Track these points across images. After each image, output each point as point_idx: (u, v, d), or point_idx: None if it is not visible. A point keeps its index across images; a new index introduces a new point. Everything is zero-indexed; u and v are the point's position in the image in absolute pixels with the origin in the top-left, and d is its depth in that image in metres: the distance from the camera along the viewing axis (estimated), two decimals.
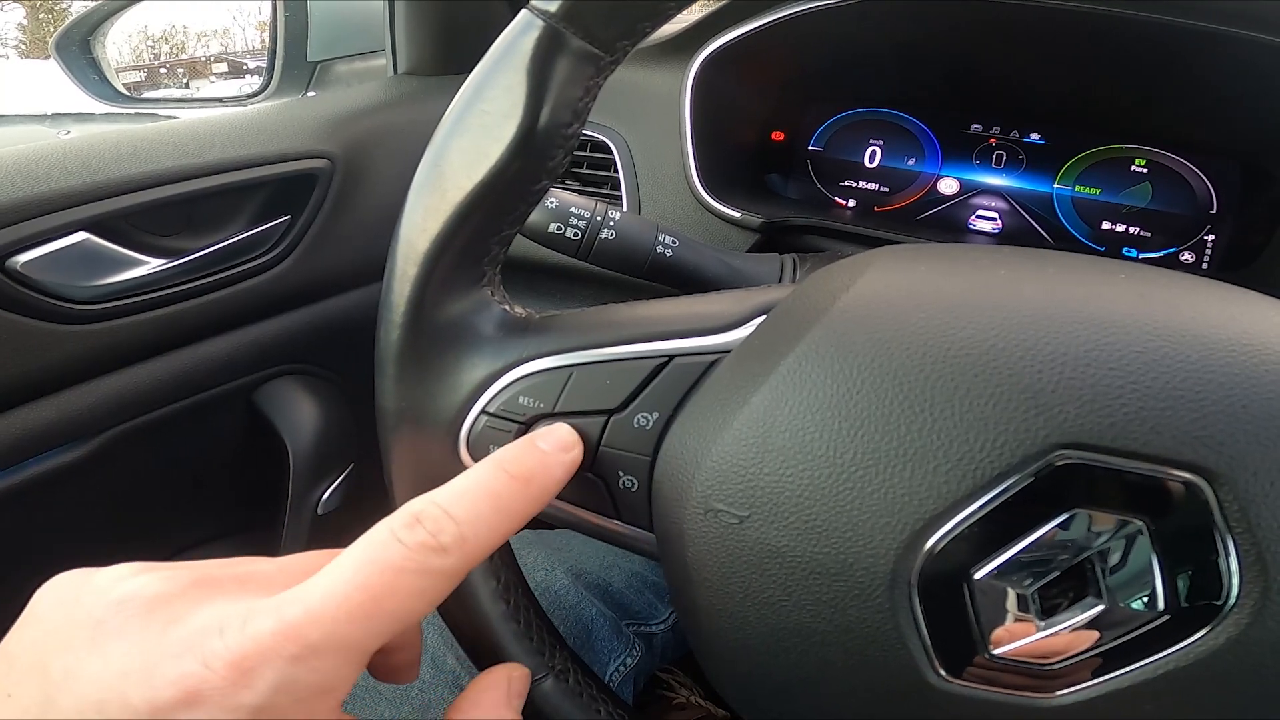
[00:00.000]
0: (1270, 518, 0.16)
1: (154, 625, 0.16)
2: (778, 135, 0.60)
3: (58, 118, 2.12)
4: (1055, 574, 0.17)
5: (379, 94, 0.66)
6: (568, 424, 0.22)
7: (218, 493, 0.61)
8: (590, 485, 0.23)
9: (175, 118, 0.65)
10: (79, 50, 0.75)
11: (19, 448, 0.46)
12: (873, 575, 0.18)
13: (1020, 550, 0.17)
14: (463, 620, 0.26)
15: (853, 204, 0.58)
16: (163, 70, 1.39)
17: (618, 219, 0.36)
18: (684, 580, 0.21)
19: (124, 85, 0.80)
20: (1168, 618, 0.17)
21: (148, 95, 0.99)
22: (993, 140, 0.55)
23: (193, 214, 0.52)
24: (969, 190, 0.55)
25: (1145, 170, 0.51)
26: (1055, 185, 0.52)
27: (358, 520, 0.26)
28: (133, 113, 1.05)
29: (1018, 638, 0.18)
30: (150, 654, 0.15)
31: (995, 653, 0.18)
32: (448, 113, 0.22)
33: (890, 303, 0.20)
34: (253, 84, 0.81)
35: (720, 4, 0.51)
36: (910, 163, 0.57)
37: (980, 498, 0.17)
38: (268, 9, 0.76)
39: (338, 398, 0.62)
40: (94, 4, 0.74)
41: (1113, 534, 0.17)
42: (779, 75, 0.57)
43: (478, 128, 0.21)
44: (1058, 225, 0.52)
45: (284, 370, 0.59)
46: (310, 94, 0.85)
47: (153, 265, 0.49)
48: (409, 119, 0.63)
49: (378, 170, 0.59)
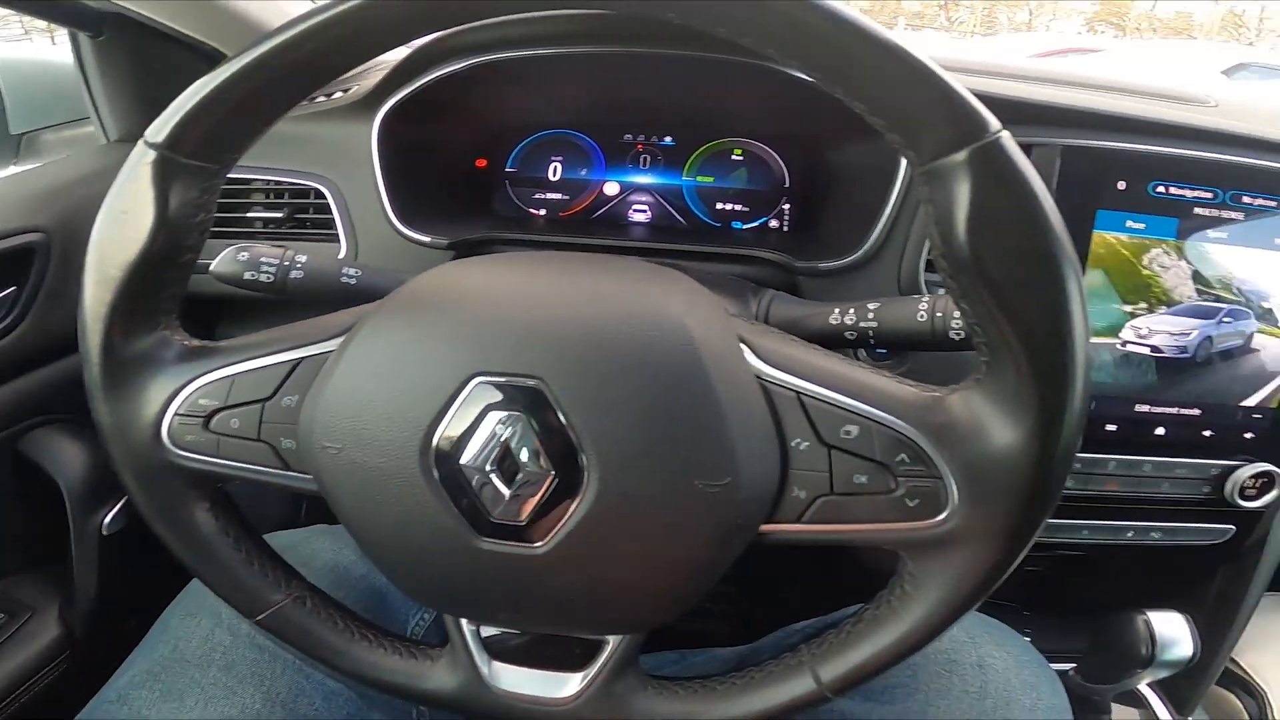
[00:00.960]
0: (574, 404, 0.29)
1: None
2: (481, 162, 0.72)
3: None
4: (501, 455, 0.30)
5: (90, 164, 0.69)
6: (235, 412, 0.33)
7: None
8: (264, 450, 0.33)
9: None
10: None
11: None
12: (412, 471, 0.30)
13: (478, 442, 0.30)
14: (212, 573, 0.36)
15: (543, 213, 0.71)
16: None
17: (304, 260, 0.46)
18: (332, 501, 0.33)
19: None
20: (555, 475, 0.30)
21: None
22: (639, 146, 0.70)
23: None
24: (627, 190, 0.70)
25: (742, 158, 0.68)
26: (683, 177, 0.69)
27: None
28: None
29: (501, 504, 0.30)
30: None
31: (493, 517, 0.31)
32: (103, 207, 0.31)
33: (403, 295, 0.32)
34: None
35: (392, 67, 0.61)
36: (583, 173, 0.71)
37: (447, 410, 0.30)
38: None
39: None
40: None
41: (514, 423, 0.30)
42: (472, 113, 0.68)
43: (123, 224, 0.30)
44: (687, 209, 0.68)
45: (45, 420, 0.65)
46: (16, 168, 0.84)
47: None
48: None
49: None
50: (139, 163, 0.30)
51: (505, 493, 0.30)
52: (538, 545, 0.31)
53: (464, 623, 0.36)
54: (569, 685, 0.36)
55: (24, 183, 0.66)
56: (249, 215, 0.65)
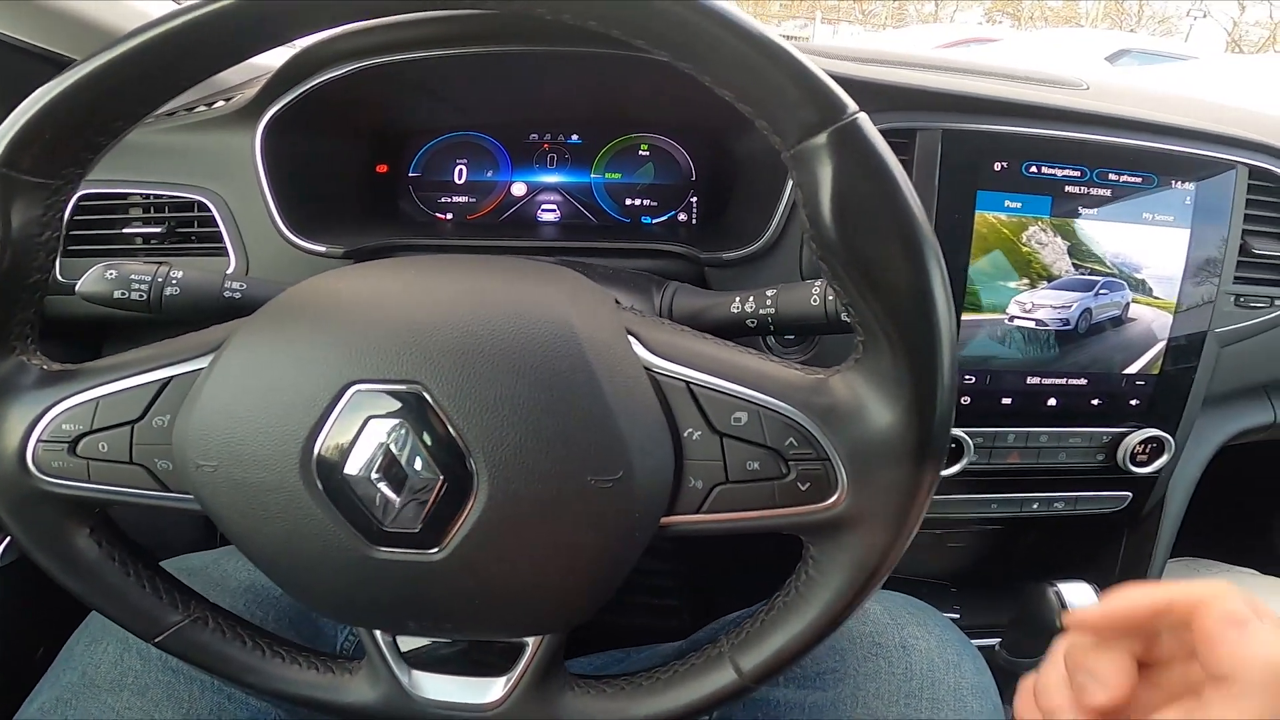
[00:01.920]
0: (458, 407, 0.29)
1: None
2: (382, 168, 0.69)
3: None
4: (388, 463, 0.29)
5: None
6: (103, 436, 0.31)
7: None
8: (138, 473, 0.32)
9: None
10: None
11: None
12: (294, 485, 0.29)
13: (362, 452, 0.29)
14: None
15: (450, 216, 0.69)
16: None
17: (181, 276, 0.43)
18: (216, 520, 0.31)
19: None
20: (444, 480, 0.29)
21: None
22: (546, 145, 0.69)
23: None
24: (534, 190, 0.69)
25: (648, 154, 0.68)
26: (591, 175, 0.68)
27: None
28: None
29: (393, 513, 0.29)
30: None
31: (385, 526, 0.30)
32: None
33: (275, 306, 0.31)
34: None
35: (272, 73, 0.58)
36: (489, 174, 0.69)
37: (325, 421, 0.29)
38: None
39: None
40: None
41: (398, 430, 0.29)
42: (367, 118, 0.65)
43: None
44: (596, 207, 0.68)
45: None
46: None
47: None
48: None
49: None
50: None
51: (395, 500, 0.29)
52: (434, 552, 0.30)
53: (378, 634, 0.35)
54: (493, 690, 0.35)
55: None
56: (126, 232, 0.61)
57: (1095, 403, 0.59)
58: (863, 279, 0.27)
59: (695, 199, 0.68)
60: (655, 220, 0.68)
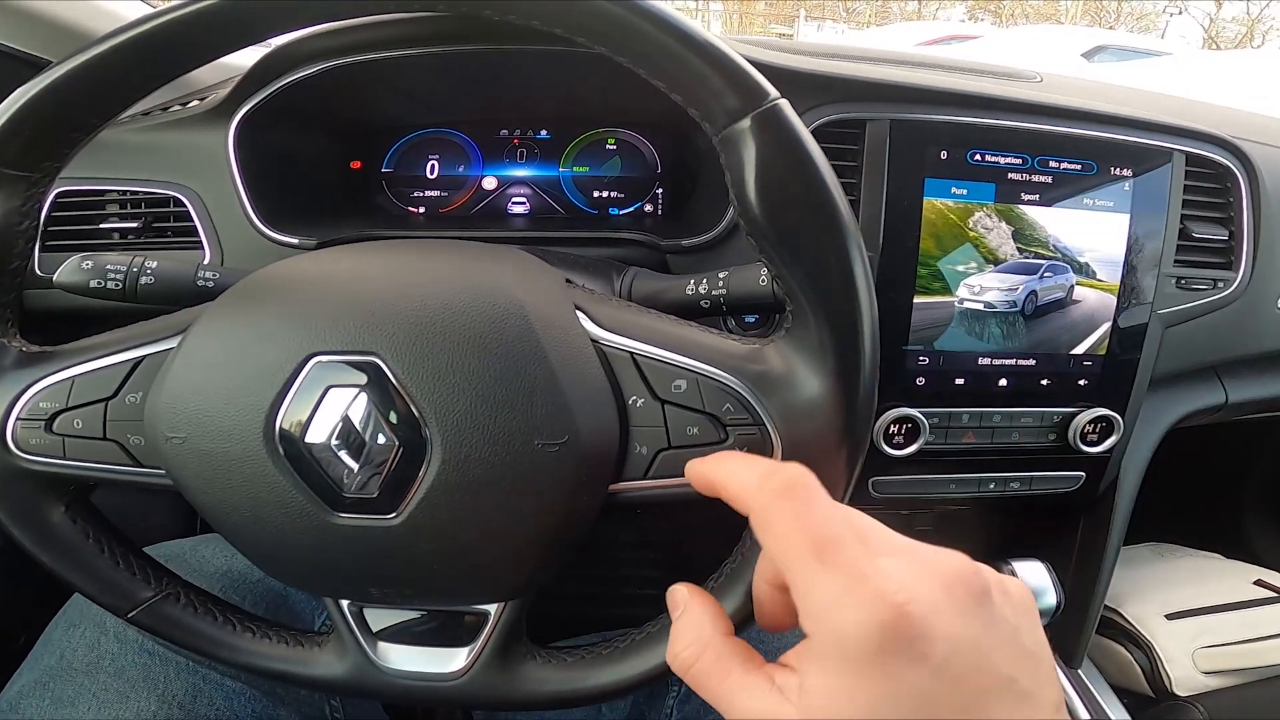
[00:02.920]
0: (412, 376, 0.31)
1: None
2: (355, 164, 0.71)
3: None
4: (347, 431, 0.31)
5: None
6: (78, 413, 0.32)
7: None
8: (111, 448, 0.33)
9: None
10: None
11: None
12: (258, 454, 0.31)
13: (323, 420, 0.31)
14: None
15: (422, 210, 0.71)
16: None
17: (155, 265, 0.45)
18: (185, 491, 0.33)
19: None
20: (400, 447, 0.31)
21: None
22: (516, 140, 0.71)
23: None
24: (505, 183, 0.70)
25: (615, 147, 0.70)
26: (560, 169, 0.70)
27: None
28: None
29: (353, 479, 0.31)
30: None
31: (345, 493, 0.31)
32: None
33: (240, 288, 0.33)
34: None
35: (244, 73, 0.60)
36: (461, 169, 0.71)
37: (287, 391, 0.31)
38: None
39: None
40: None
41: (356, 400, 0.31)
42: (339, 116, 0.67)
43: None
44: (565, 199, 0.70)
45: None
46: None
47: None
48: None
49: None
50: None
51: (354, 467, 0.31)
52: (391, 517, 0.32)
53: (345, 606, 0.37)
54: (456, 660, 0.37)
55: None
56: (103, 227, 0.62)
57: (1045, 383, 0.62)
58: (787, 252, 0.29)
59: (660, 190, 0.70)
60: (622, 211, 0.70)
